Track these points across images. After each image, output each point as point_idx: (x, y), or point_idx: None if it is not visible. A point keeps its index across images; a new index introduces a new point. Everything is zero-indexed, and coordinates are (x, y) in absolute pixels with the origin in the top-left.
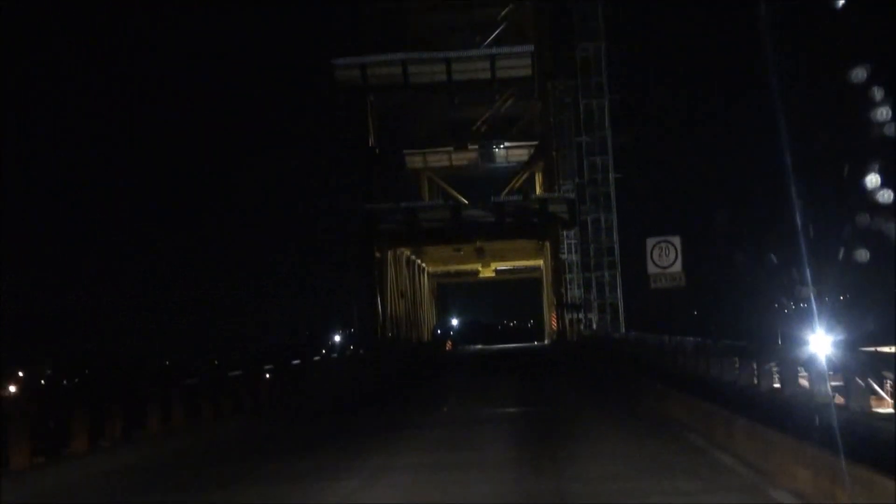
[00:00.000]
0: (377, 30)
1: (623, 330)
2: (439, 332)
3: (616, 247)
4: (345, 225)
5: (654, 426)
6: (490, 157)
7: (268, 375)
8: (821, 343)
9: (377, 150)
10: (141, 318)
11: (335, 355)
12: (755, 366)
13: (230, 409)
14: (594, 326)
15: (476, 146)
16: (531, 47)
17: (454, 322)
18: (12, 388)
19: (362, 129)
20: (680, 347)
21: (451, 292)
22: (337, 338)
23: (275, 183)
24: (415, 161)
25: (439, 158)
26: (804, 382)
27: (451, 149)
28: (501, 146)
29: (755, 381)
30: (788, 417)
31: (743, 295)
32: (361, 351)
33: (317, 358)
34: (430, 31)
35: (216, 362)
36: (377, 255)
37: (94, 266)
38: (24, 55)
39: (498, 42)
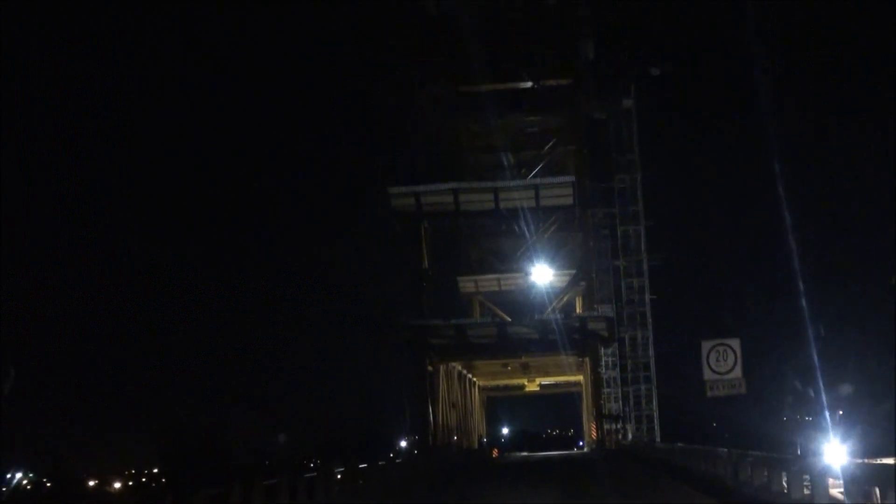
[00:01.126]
0: (431, 164)
1: (658, 439)
2: (485, 440)
3: (651, 362)
4: (399, 340)
5: None
6: (534, 281)
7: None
8: (836, 453)
9: (430, 273)
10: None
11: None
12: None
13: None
14: (629, 436)
15: (522, 272)
16: (572, 178)
17: (503, 431)
18: (117, 485)
19: (416, 252)
20: (742, 460)
21: (499, 404)
22: (403, 443)
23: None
24: (467, 286)
25: (489, 283)
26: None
27: (499, 274)
28: (544, 269)
29: None
30: None
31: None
32: (416, 456)
33: (397, 460)
34: (480, 167)
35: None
36: (429, 368)
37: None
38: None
39: (541, 174)
